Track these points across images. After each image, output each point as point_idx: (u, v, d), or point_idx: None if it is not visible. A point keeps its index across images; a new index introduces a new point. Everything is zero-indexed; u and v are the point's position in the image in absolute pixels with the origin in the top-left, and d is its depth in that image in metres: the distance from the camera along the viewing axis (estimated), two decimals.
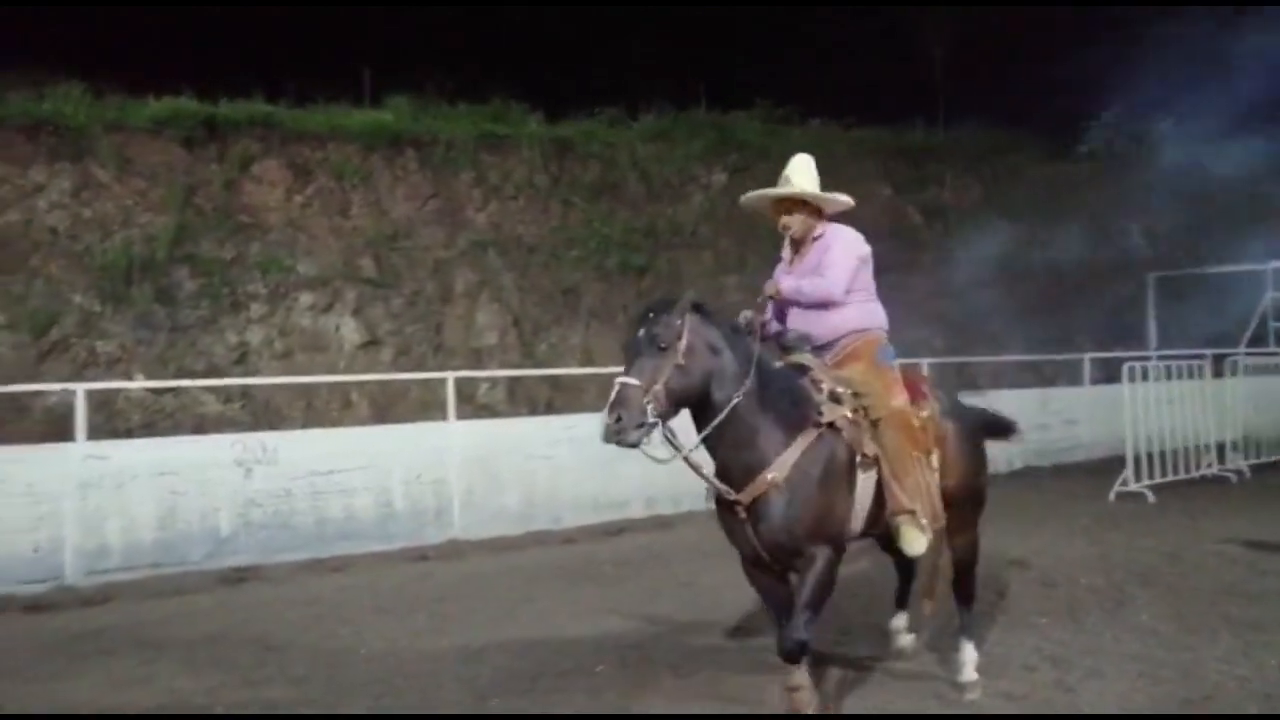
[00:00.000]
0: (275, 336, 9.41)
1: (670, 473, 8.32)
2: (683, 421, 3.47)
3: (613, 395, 3.25)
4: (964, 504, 4.05)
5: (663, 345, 3.32)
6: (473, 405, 9.74)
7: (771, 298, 3.95)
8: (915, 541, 3.64)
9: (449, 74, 11.17)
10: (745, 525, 3.50)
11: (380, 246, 10.05)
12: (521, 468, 7.99)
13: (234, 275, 9.30)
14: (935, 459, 3.84)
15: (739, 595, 4.88)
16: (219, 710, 4.09)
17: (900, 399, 3.78)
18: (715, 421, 3.41)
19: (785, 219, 3.98)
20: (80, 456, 6.45)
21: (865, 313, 3.98)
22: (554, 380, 10.30)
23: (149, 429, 8.55)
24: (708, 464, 3.56)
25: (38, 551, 6.31)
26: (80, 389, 6.73)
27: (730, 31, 16.04)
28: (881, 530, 3.76)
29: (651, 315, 3.41)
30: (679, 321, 3.35)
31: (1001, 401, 10.69)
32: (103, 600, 6.11)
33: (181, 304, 9.05)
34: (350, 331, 9.68)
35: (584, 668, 4.48)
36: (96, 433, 7.03)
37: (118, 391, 8.51)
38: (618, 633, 5.06)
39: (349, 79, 11.31)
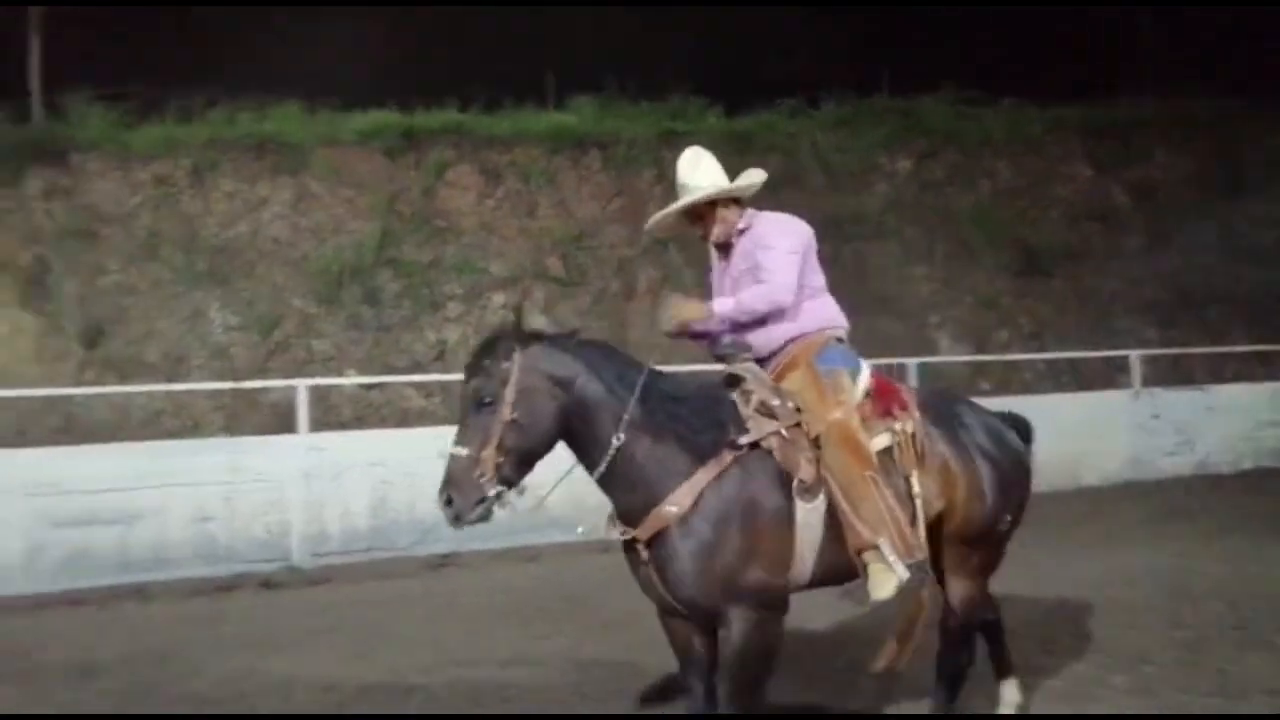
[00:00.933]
0: (470, 334, 9.87)
1: None
2: None
3: (443, 472, 2.80)
4: (964, 541, 3.25)
5: (487, 400, 2.79)
6: None
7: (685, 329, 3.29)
8: (882, 585, 2.90)
9: (629, 74, 11.34)
10: (649, 569, 2.88)
11: (566, 246, 10.37)
12: None
13: (432, 277, 9.85)
14: (916, 481, 3.10)
15: None
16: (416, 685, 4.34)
17: (839, 411, 3.02)
18: (599, 468, 2.85)
19: (711, 229, 3.37)
20: (303, 448, 7.02)
21: (808, 313, 3.29)
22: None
23: (359, 422, 9.18)
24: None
25: (269, 534, 6.92)
26: (302, 385, 7.34)
27: (912, 12, 15.46)
28: (847, 574, 3.03)
29: (472, 362, 2.88)
30: (504, 364, 2.79)
31: (1224, 397, 9.90)
32: (324, 580, 6.63)
33: (386, 305, 9.65)
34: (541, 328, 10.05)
35: None
36: (316, 425, 7.60)
37: (332, 387, 9.18)
38: None
39: (534, 83, 11.71)
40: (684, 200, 3.38)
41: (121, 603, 6.31)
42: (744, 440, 2.89)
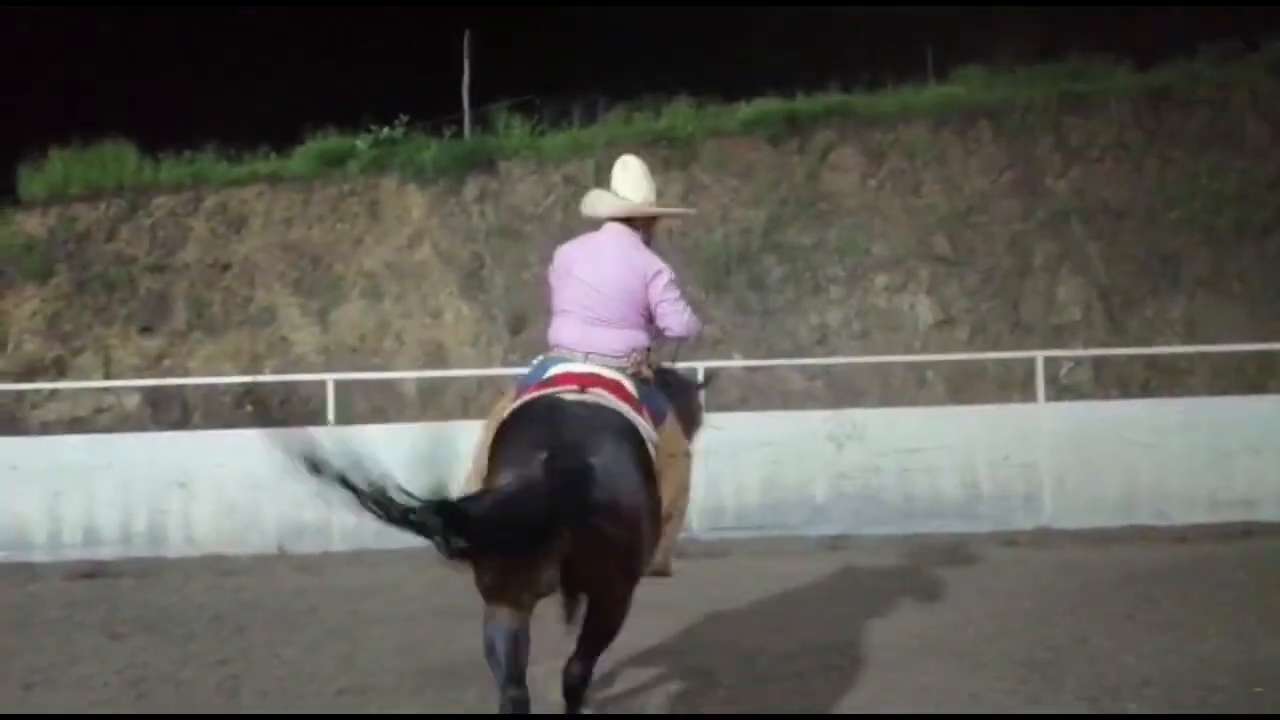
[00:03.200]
0: (853, 317, 9.83)
1: None
2: None
3: None
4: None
5: None
6: (1054, 386, 9.16)
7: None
8: None
9: (1024, 36, 10.56)
10: None
11: (953, 223, 9.93)
12: (1121, 455, 7.32)
13: (815, 260, 9.91)
14: None
15: None
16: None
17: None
18: None
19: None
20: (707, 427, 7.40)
21: None
22: (1151, 359, 9.25)
23: (744, 403, 9.50)
24: None
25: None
26: (701, 367, 7.72)
27: None
28: None
29: None
30: None
31: None
32: (721, 554, 6.95)
33: (770, 289, 9.88)
34: (924, 310, 9.72)
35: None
36: (710, 405, 7.98)
37: (720, 369, 9.58)
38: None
39: (916, 58, 11.33)
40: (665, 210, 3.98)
41: None
42: None
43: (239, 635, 5.34)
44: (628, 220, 3.72)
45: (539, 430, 3.04)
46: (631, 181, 3.79)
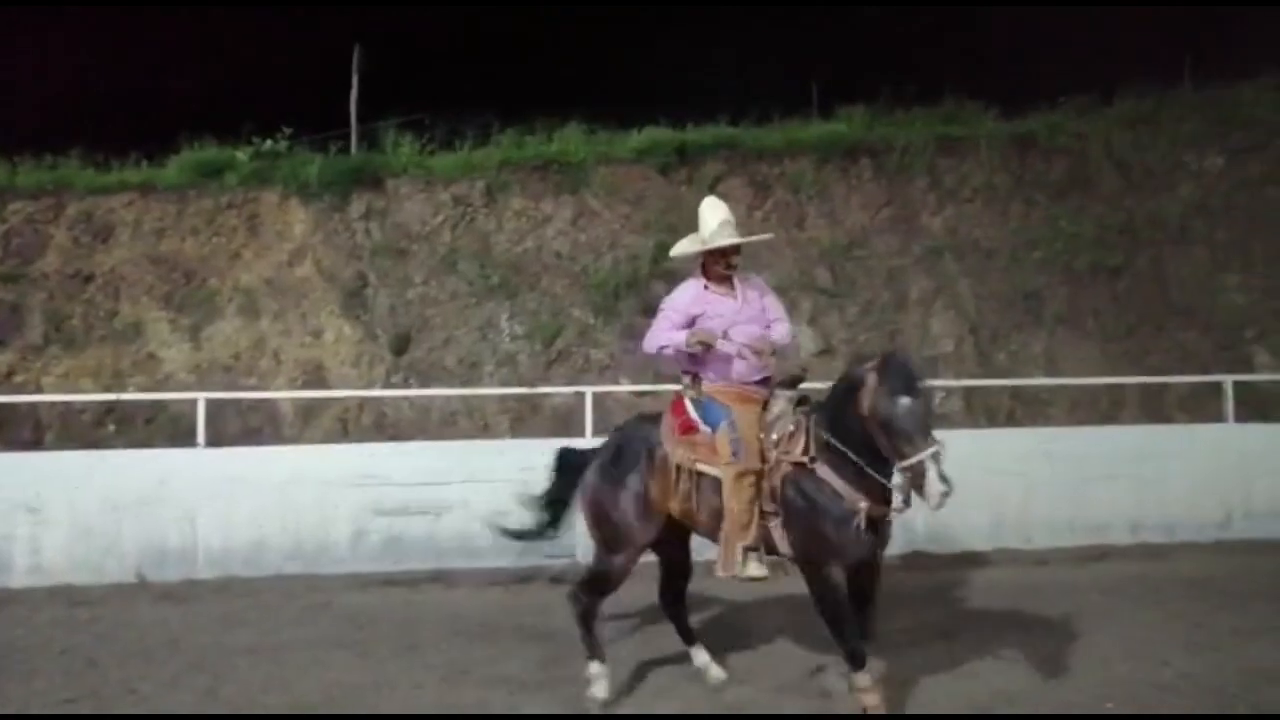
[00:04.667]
0: None
1: (1160, 499, 7.49)
2: None
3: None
4: None
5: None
6: None
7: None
8: None
9: (902, 79, 11.03)
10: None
11: (835, 256, 10.23)
12: (989, 482, 7.65)
13: None
14: None
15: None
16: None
17: None
18: None
19: (732, 261, 4.52)
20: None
21: None
22: (1015, 391, 9.73)
23: None
24: None
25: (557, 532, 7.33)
26: (588, 391, 7.75)
27: None
28: None
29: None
30: None
31: None
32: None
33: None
34: (806, 340, 9.97)
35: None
36: (596, 429, 7.97)
37: (607, 394, 9.59)
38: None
39: (803, 94, 11.68)
40: (733, 239, 4.53)
41: (430, 586, 6.94)
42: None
43: (90, 670, 5.02)
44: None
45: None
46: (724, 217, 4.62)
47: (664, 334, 4.40)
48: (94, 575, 6.92)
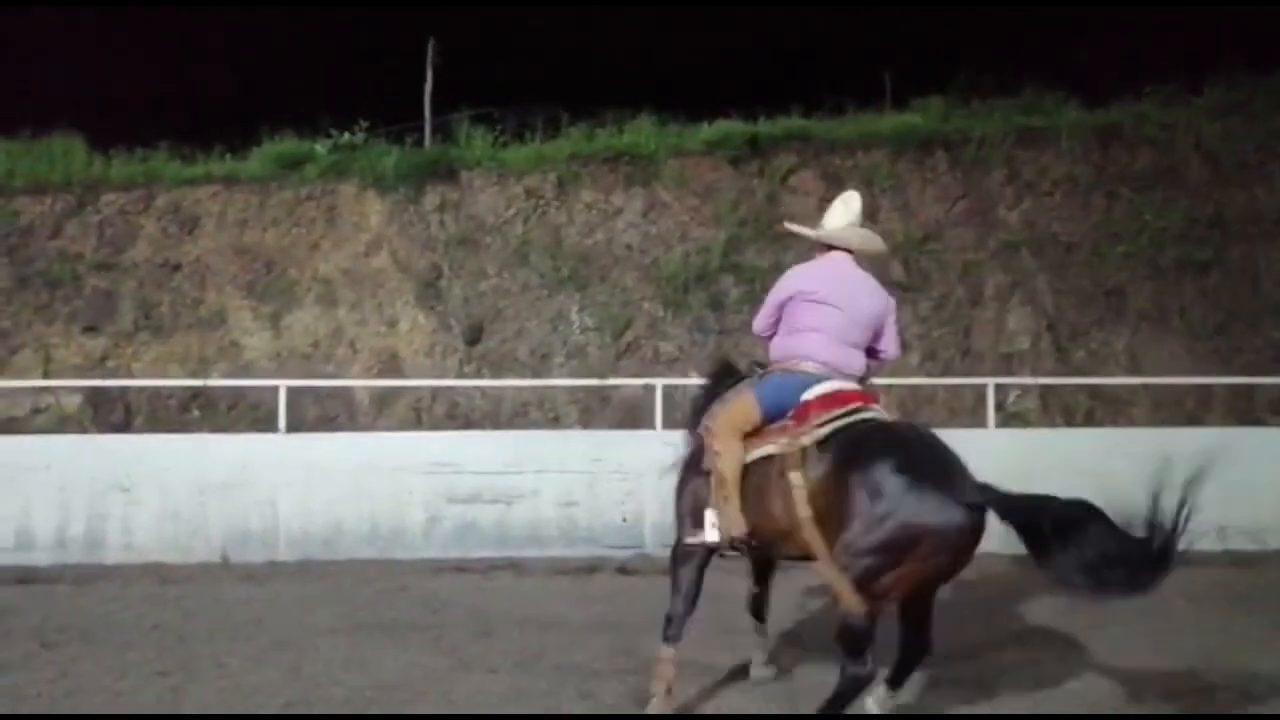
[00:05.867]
0: None
1: (1249, 504, 7.23)
2: None
3: None
4: (836, 545, 3.68)
5: None
6: (1002, 413, 9.33)
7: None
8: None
9: (979, 69, 10.79)
10: None
11: (909, 250, 10.08)
12: (1065, 482, 7.46)
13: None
14: (793, 479, 3.77)
15: None
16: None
17: (711, 423, 4.26)
18: None
19: None
20: (658, 443, 7.41)
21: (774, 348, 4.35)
22: (1094, 389, 9.48)
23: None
24: None
25: (625, 522, 7.40)
26: (659, 384, 7.79)
27: None
28: None
29: None
30: None
31: None
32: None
33: (728, 309, 9.93)
34: None
35: None
36: (665, 422, 8.00)
37: (676, 387, 9.61)
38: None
39: (877, 85, 11.52)
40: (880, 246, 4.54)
41: (501, 573, 7.04)
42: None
43: (180, 645, 5.21)
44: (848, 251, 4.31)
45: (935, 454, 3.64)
46: (861, 218, 4.44)
47: None
48: (182, 555, 7.19)
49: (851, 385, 4.02)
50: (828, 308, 4.11)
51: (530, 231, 10.24)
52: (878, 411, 3.93)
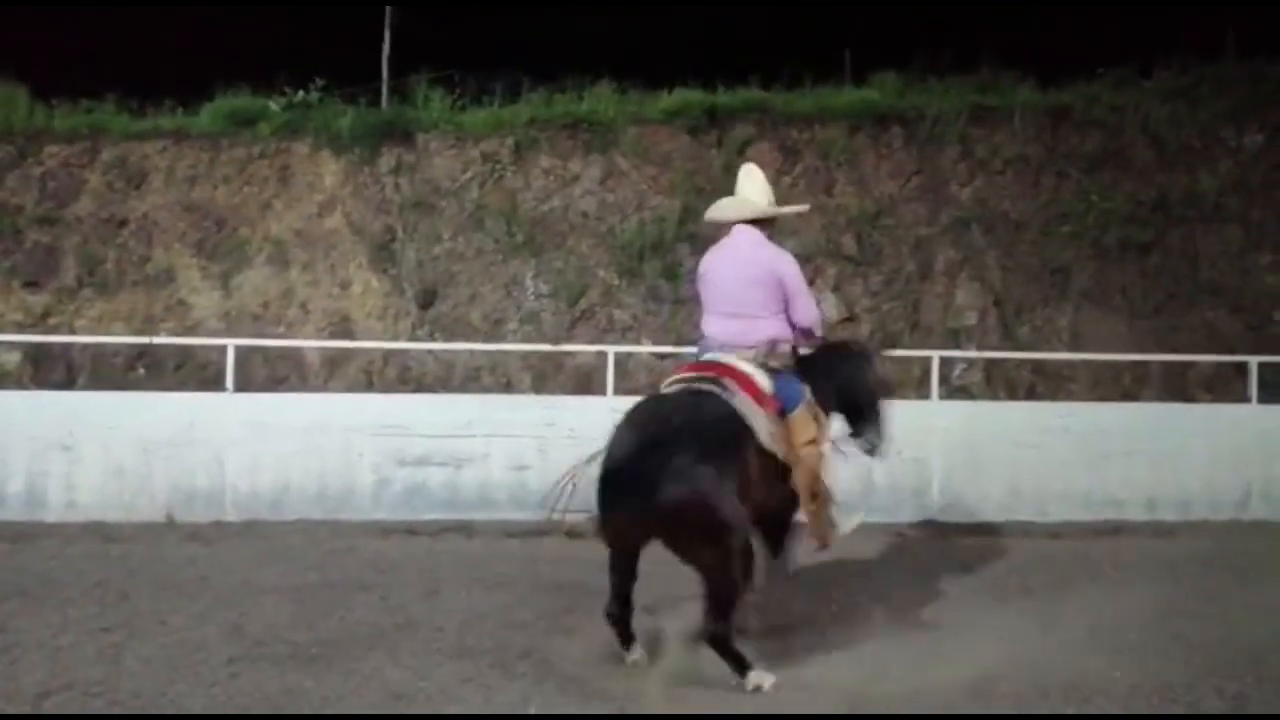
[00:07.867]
0: None
1: (1178, 476, 7.50)
2: None
3: None
4: None
5: None
6: (947, 386, 9.53)
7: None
8: None
9: (937, 46, 10.87)
10: None
11: (862, 224, 10.19)
12: (1006, 454, 7.69)
13: None
14: None
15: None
16: None
17: None
18: None
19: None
20: (608, 409, 7.46)
21: None
22: (1037, 365, 9.71)
23: (652, 389, 9.59)
24: None
25: (576, 487, 7.44)
26: (612, 350, 7.83)
27: None
28: None
29: None
30: None
31: None
32: None
33: (682, 279, 9.95)
34: (829, 307, 9.97)
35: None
36: (617, 388, 8.05)
37: (629, 355, 9.66)
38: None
39: (836, 59, 11.56)
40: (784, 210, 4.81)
41: (450, 535, 7.09)
42: None
43: (123, 602, 5.20)
44: (754, 221, 4.40)
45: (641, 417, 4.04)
46: (757, 188, 4.50)
47: None
48: (125, 513, 7.11)
49: (723, 356, 4.20)
50: (708, 285, 4.40)
51: (486, 196, 10.17)
52: (706, 384, 4.12)
